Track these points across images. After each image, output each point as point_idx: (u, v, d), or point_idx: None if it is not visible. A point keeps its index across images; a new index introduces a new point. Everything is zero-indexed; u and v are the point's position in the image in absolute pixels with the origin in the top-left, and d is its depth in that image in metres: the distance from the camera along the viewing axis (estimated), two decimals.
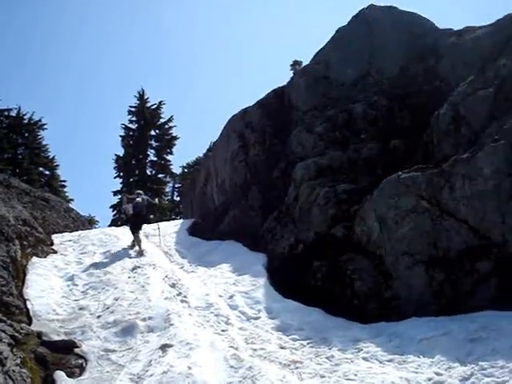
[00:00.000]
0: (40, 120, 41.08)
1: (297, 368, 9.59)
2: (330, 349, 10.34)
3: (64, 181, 42.22)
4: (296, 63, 22.49)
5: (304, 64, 21.52)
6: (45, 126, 41.33)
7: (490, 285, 10.88)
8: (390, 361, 9.53)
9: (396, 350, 9.87)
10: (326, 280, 13.04)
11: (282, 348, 10.65)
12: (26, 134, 40.71)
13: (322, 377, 9.16)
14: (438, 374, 8.77)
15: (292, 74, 21.87)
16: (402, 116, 16.62)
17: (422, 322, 10.76)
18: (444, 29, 18.60)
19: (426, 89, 16.68)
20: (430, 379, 8.64)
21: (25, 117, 40.68)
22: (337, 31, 20.48)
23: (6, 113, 40.08)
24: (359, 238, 13.13)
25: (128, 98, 79.60)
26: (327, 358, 9.96)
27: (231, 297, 13.32)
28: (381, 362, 9.54)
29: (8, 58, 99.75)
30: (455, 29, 18.04)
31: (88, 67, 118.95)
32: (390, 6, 20.03)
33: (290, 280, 13.72)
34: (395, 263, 12.09)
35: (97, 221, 38.48)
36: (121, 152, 45.21)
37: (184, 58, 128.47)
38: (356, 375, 9.00)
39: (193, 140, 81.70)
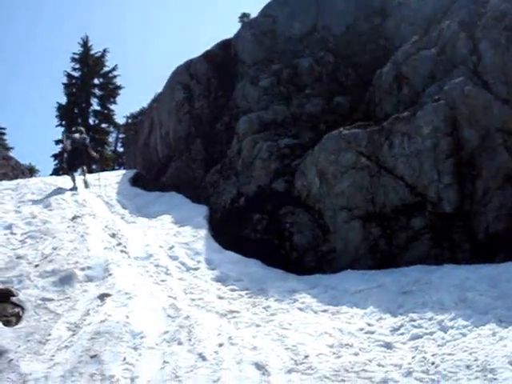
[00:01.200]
0: None
1: (234, 318, 9.75)
2: (266, 299, 10.55)
3: (3, 128, 41.16)
4: (244, 16, 22.23)
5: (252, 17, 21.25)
6: None
7: (423, 241, 11.27)
8: (324, 311, 9.82)
9: (331, 301, 10.15)
10: (266, 233, 13.21)
11: (220, 298, 10.80)
12: None
13: (258, 326, 9.35)
14: (369, 324, 9.09)
15: (240, 27, 21.58)
16: (347, 73, 16.68)
17: (357, 274, 11.11)
18: None
19: (371, 48, 16.76)
20: (361, 329, 8.94)
21: None
22: None
23: None
24: (299, 192, 13.30)
25: (72, 44, 77.52)
26: (264, 308, 10.17)
27: (171, 248, 13.33)
28: (315, 313, 9.81)
29: None
30: None
31: (30, 14, 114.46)
32: None
33: (231, 232, 13.83)
34: (333, 217, 12.34)
35: (38, 170, 37.61)
36: (63, 100, 44.10)
37: (130, 8, 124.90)
38: (291, 324, 9.23)
39: (137, 90, 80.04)
